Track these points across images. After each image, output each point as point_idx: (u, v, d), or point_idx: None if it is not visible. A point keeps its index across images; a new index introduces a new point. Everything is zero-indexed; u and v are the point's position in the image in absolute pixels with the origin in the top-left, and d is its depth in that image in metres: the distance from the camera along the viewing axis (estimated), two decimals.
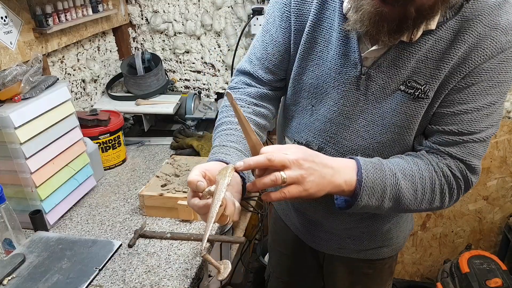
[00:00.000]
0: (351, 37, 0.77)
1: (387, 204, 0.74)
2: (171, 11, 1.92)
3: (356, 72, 0.79)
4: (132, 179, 1.48)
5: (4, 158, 1.10)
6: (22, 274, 0.99)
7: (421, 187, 0.75)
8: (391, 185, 0.73)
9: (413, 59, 0.74)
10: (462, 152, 0.76)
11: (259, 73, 0.92)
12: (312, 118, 0.88)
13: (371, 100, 0.80)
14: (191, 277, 1.00)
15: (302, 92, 0.89)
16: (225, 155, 0.79)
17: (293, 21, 0.84)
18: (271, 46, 0.89)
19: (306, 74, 0.86)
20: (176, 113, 1.79)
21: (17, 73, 1.12)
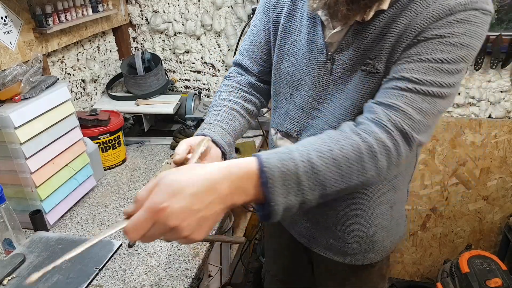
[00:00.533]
0: (317, 25, 0.82)
1: (311, 195, 0.62)
2: (171, 11, 1.92)
3: (323, 58, 0.83)
4: (132, 179, 1.48)
5: (4, 158, 1.10)
6: (22, 274, 0.99)
7: (344, 160, 0.63)
8: (307, 172, 0.61)
9: (369, 39, 0.76)
10: (394, 101, 0.67)
11: (247, 63, 1.01)
12: (290, 106, 0.93)
13: (339, 83, 0.83)
14: (191, 277, 1.00)
15: (281, 81, 0.94)
16: (209, 131, 0.86)
17: (271, 14, 0.92)
18: (255, 38, 0.98)
19: (283, 63, 0.92)
20: (176, 113, 1.79)
21: (17, 73, 1.12)
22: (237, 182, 0.59)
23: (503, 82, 1.83)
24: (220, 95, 0.99)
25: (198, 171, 0.58)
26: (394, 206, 0.98)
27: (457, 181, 2.04)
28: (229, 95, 0.98)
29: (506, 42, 1.70)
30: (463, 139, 1.95)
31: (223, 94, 0.99)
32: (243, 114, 0.97)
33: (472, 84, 1.85)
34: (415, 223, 2.19)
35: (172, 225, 0.54)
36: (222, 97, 0.98)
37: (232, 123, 0.92)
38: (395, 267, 2.34)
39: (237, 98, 0.98)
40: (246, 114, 0.98)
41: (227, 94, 0.98)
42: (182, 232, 0.55)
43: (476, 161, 1.98)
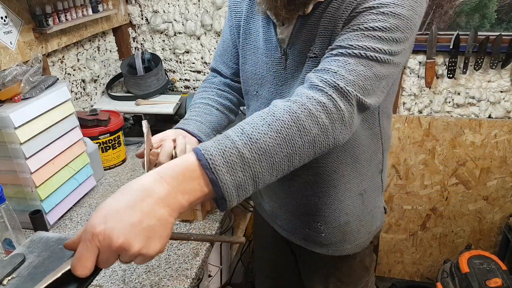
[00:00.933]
0: (270, 24, 0.88)
1: (259, 166, 0.59)
2: (171, 11, 1.92)
3: (279, 53, 0.88)
4: (132, 179, 1.48)
5: (4, 158, 1.10)
6: (22, 274, 0.99)
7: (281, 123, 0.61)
8: (245, 143, 0.58)
9: (313, 30, 0.81)
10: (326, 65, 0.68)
11: (221, 67, 1.08)
12: (258, 103, 0.98)
13: (294, 76, 0.88)
14: (191, 277, 1.00)
15: (248, 80, 0.99)
16: (183, 125, 0.94)
17: (233, 19, 0.98)
18: (225, 44, 1.05)
19: (247, 63, 0.97)
20: (176, 113, 1.78)
21: (17, 73, 1.12)
22: (176, 180, 0.55)
23: (503, 82, 1.83)
24: (197, 97, 1.07)
25: (130, 185, 0.55)
26: (364, 194, 1.01)
27: (457, 181, 2.04)
28: (204, 94, 1.06)
29: (506, 42, 1.70)
30: (463, 139, 1.95)
31: (199, 94, 1.07)
32: (218, 108, 1.04)
33: (472, 84, 1.85)
34: (415, 223, 2.19)
35: (118, 244, 0.50)
36: (198, 97, 1.06)
37: (207, 117, 1.00)
38: (395, 267, 2.34)
39: (212, 95, 1.05)
40: (221, 108, 1.05)
41: (203, 94, 1.06)
42: (132, 248, 0.51)
43: (476, 161, 1.98)
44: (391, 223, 2.22)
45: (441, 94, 1.91)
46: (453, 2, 1.83)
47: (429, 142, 1.99)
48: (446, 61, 1.82)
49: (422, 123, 1.95)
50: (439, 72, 1.86)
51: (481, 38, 1.72)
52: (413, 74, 1.89)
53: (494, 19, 1.81)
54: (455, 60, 1.78)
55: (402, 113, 1.99)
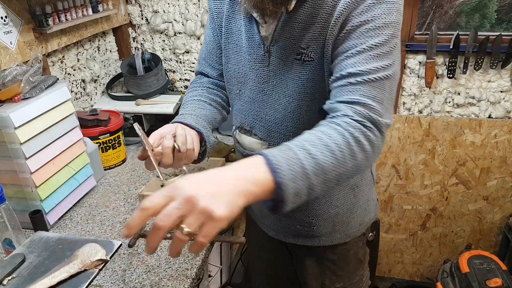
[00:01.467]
0: (252, 22, 0.88)
1: (315, 180, 0.65)
2: (171, 11, 1.92)
3: (261, 51, 0.89)
4: (132, 179, 1.48)
5: (4, 158, 1.10)
6: (22, 274, 0.99)
7: (335, 146, 0.69)
8: (306, 157, 0.65)
9: (297, 28, 0.82)
10: (355, 94, 0.74)
11: (206, 70, 1.09)
12: (241, 102, 0.99)
13: (277, 74, 0.89)
14: (191, 277, 1.00)
15: (231, 80, 1.00)
16: (180, 119, 0.94)
17: (216, 20, 0.99)
18: (209, 46, 1.05)
19: (230, 62, 0.98)
20: (176, 113, 1.78)
21: (17, 73, 1.12)
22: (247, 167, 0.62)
23: (503, 82, 1.83)
24: (187, 96, 1.07)
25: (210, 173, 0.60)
26: (356, 188, 1.03)
27: (457, 181, 2.04)
28: (194, 93, 1.07)
29: (506, 42, 1.70)
30: (463, 139, 1.95)
31: (189, 94, 1.08)
32: (210, 103, 1.05)
33: (472, 84, 1.85)
34: (415, 223, 2.19)
35: (188, 194, 0.54)
36: (189, 96, 1.07)
37: (201, 111, 1.00)
38: (395, 267, 2.34)
39: (202, 92, 1.06)
40: (212, 103, 1.05)
41: (193, 93, 1.07)
42: (201, 201, 0.54)
43: (476, 161, 1.98)
44: (391, 223, 2.22)
45: (441, 94, 1.91)
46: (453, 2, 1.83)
47: (429, 142, 1.99)
48: (446, 61, 1.82)
49: (422, 123, 1.95)
50: (439, 72, 1.86)
51: (481, 38, 1.72)
52: (413, 74, 1.89)
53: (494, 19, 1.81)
54: (455, 60, 1.78)
55: (402, 113, 1.99)
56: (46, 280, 0.94)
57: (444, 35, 1.79)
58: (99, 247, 1.04)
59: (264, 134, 0.96)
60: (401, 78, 1.87)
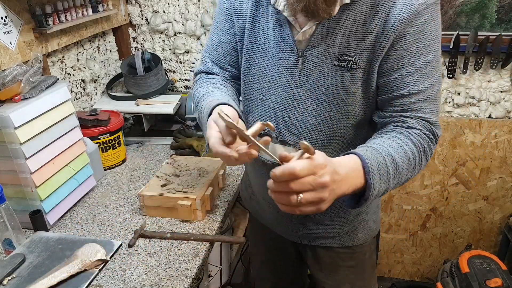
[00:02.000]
0: (284, 26, 0.86)
1: (392, 183, 0.76)
2: (171, 11, 1.92)
3: (294, 56, 0.87)
4: (132, 179, 1.48)
5: (4, 158, 1.10)
6: (22, 274, 0.99)
7: (411, 154, 0.79)
8: (391, 163, 0.75)
9: (340, 34, 0.81)
10: (419, 112, 0.82)
11: (215, 70, 1.03)
12: (265, 107, 0.96)
13: (312, 79, 0.87)
14: (191, 277, 1.00)
15: (252, 85, 0.97)
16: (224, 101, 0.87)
17: (235, 21, 0.95)
18: (220, 47, 1.00)
19: (253, 66, 0.94)
20: (176, 113, 1.78)
21: (17, 73, 1.12)
22: (350, 172, 0.70)
23: (503, 82, 1.83)
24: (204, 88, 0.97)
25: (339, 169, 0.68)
26: None
27: (457, 181, 2.04)
28: (209, 81, 1.00)
29: (506, 42, 1.70)
30: (463, 139, 1.95)
31: (202, 84, 1.00)
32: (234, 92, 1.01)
33: (472, 84, 1.85)
34: (415, 223, 2.19)
35: (325, 181, 0.63)
36: (203, 86, 0.98)
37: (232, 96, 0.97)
38: (395, 267, 2.34)
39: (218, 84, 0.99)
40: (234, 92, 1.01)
41: (206, 82, 1.00)
42: (326, 192, 0.64)
43: (476, 161, 1.98)
44: (391, 223, 2.22)
45: (441, 94, 1.91)
46: (453, 2, 1.83)
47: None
48: (446, 61, 1.82)
49: None
50: None
51: (481, 38, 1.72)
52: None
53: (494, 19, 1.81)
54: (455, 60, 1.78)
55: None
56: (46, 280, 0.94)
57: (444, 35, 1.79)
58: (99, 247, 1.04)
59: (292, 139, 0.94)
60: None
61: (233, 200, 1.38)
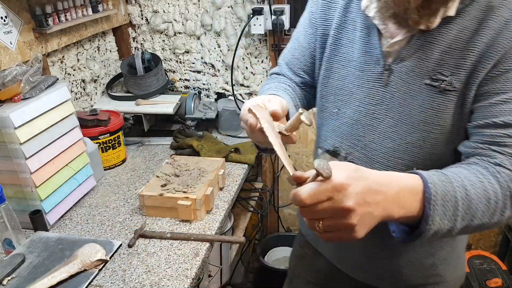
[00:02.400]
0: (372, 34, 0.77)
1: (459, 223, 0.61)
2: (171, 11, 1.92)
3: (379, 68, 0.77)
4: (132, 179, 1.48)
5: (4, 158, 1.10)
6: (22, 274, 0.99)
7: (493, 195, 0.63)
8: (463, 198, 0.61)
9: (436, 50, 0.71)
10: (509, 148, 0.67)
11: (288, 74, 0.97)
12: (338, 122, 0.86)
13: (396, 97, 0.76)
14: (191, 277, 1.00)
15: (328, 97, 0.88)
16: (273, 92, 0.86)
17: (318, 26, 0.88)
18: (298, 51, 0.94)
19: (332, 76, 0.86)
20: (176, 113, 1.79)
21: (17, 73, 1.12)
22: (403, 191, 0.58)
23: None
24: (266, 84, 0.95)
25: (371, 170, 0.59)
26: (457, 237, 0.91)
27: None
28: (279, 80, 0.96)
29: None
30: None
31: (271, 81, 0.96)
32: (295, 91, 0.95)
33: None
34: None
35: (347, 206, 0.53)
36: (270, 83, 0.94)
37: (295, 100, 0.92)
38: None
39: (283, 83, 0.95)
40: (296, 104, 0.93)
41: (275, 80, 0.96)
42: (351, 219, 0.54)
43: None
44: None
45: None
46: None
47: None
48: None
49: None
50: None
51: None
52: None
53: None
54: None
55: None
56: (46, 280, 0.94)
57: None
58: (99, 247, 1.04)
59: (364, 163, 0.82)
60: None
61: (233, 200, 1.38)
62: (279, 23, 1.72)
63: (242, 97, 2.02)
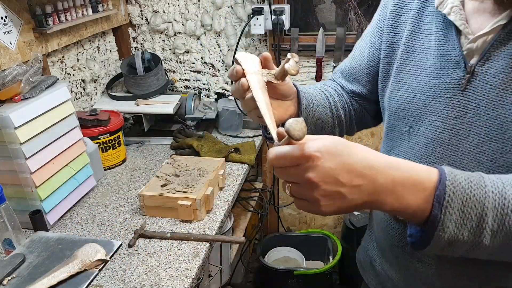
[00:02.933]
0: (449, 34, 0.65)
1: (489, 240, 0.49)
2: (171, 11, 1.92)
3: (459, 73, 0.64)
4: (132, 179, 1.48)
5: (4, 158, 1.10)
6: (22, 274, 0.99)
7: None
8: (495, 207, 0.48)
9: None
10: None
11: (339, 80, 0.90)
12: (410, 143, 0.72)
13: (482, 107, 0.61)
14: (191, 277, 1.00)
15: (397, 113, 0.75)
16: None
17: (385, 35, 0.77)
18: (356, 61, 0.86)
19: (401, 89, 0.73)
20: (176, 113, 1.79)
21: (17, 73, 1.12)
22: (403, 182, 0.49)
23: None
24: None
25: (370, 150, 0.51)
26: None
27: None
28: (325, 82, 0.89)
29: None
30: None
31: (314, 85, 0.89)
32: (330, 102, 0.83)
33: None
34: None
35: (310, 178, 0.48)
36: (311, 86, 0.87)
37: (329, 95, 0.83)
38: None
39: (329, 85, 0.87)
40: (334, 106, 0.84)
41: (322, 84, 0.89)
42: (315, 192, 0.48)
43: None
44: None
45: None
46: None
47: None
48: None
49: None
50: None
51: None
52: None
53: None
54: None
55: None
56: (46, 280, 0.94)
57: None
58: (99, 247, 1.04)
59: None
60: None
61: (233, 200, 1.38)
62: (279, 23, 1.72)
63: None
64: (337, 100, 0.85)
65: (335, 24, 1.79)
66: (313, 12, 1.80)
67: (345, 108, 0.86)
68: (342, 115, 0.85)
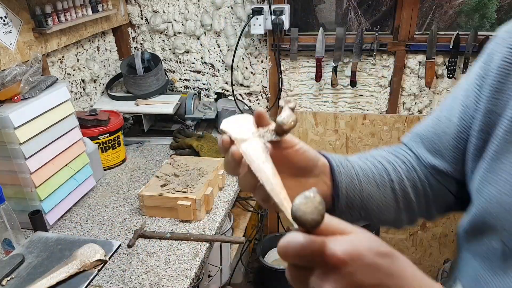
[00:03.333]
0: None
1: None
2: (170, 11, 1.92)
3: None
4: (132, 179, 1.48)
5: (4, 158, 1.10)
6: (21, 275, 0.99)
7: None
8: None
9: None
10: None
11: (414, 146, 0.65)
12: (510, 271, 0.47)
13: None
14: (191, 277, 1.00)
15: (485, 216, 0.51)
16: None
17: (485, 100, 0.53)
18: (442, 126, 0.61)
19: (498, 184, 0.49)
20: (176, 113, 1.78)
21: (17, 73, 1.12)
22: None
23: None
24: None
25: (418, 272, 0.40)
26: None
27: None
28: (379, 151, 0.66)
29: None
30: None
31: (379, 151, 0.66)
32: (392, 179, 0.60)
33: None
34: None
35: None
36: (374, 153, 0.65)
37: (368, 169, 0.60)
38: None
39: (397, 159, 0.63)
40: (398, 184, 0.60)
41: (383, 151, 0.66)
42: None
43: None
44: None
45: (441, 94, 1.91)
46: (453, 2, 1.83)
47: None
48: (446, 61, 1.82)
49: None
50: (439, 72, 1.86)
51: (481, 38, 1.72)
52: (413, 74, 1.89)
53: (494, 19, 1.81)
54: (455, 60, 1.78)
55: (402, 113, 1.99)
56: (45, 280, 0.94)
57: (444, 35, 1.79)
58: (98, 247, 1.04)
59: None
60: (401, 78, 1.87)
61: (233, 200, 1.38)
62: (279, 23, 1.72)
63: (242, 97, 2.02)
64: (405, 175, 0.61)
65: (335, 24, 1.79)
66: (313, 12, 1.81)
67: (416, 186, 0.61)
68: (412, 197, 0.61)
